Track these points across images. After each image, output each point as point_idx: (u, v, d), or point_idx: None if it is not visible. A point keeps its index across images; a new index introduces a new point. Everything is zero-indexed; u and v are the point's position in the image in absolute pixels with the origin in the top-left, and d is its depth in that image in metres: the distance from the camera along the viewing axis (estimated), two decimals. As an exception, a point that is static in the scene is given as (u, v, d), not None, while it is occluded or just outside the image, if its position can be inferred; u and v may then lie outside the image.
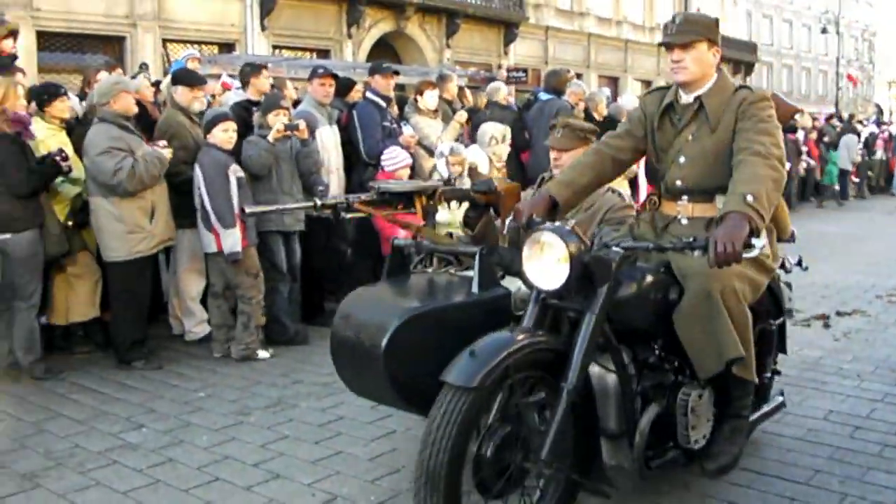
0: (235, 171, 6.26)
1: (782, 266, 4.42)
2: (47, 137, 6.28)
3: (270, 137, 6.56)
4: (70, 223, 6.21)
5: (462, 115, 8.68)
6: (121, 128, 6.05)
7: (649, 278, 3.53)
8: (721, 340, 3.43)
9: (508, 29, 27.07)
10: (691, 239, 3.19)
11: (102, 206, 6.07)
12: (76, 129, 6.64)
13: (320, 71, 7.71)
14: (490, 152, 8.04)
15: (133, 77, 8.77)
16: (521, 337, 3.15)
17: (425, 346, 3.38)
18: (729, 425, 3.77)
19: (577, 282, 3.21)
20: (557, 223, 3.30)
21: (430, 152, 8.07)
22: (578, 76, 20.72)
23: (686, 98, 3.75)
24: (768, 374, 4.33)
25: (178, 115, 6.79)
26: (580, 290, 3.26)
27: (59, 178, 6.10)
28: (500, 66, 24.27)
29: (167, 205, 6.31)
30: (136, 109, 6.37)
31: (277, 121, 6.64)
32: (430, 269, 4.17)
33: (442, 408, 2.95)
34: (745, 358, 3.51)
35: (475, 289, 3.68)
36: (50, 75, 14.27)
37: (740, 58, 39.66)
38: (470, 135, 8.87)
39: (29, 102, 6.47)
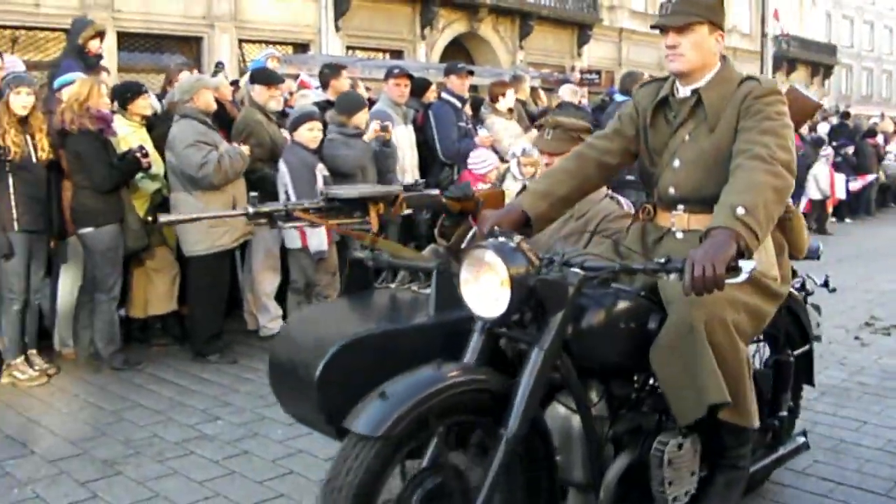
0: (322, 170, 6.33)
1: (802, 287, 3.92)
2: (128, 134, 6.43)
3: (367, 137, 6.64)
4: (150, 218, 6.33)
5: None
6: (202, 124, 6.18)
7: (623, 304, 2.97)
8: (703, 382, 2.84)
9: (582, 30, 26.89)
10: (663, 260, 2.61)
11: (186, 200, 6.20)
12: (156, 126, 6.78)
13: (396, 71, 7.76)
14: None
15: (212, 76, 8.92)
16: (454, 374, 2.62)
17: (368, 374, 2.76)
18: (723, 477, 3.20)
19: (534, 309, 2.74)
20: (501, 239, 2.77)
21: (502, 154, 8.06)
22: (652, 78, 20.44)
23: (683, 91, 3.20)
24: (784, 413, 3.79)
25: (255, 114, 6.89)
26: (537, 317, 2.76)
27: (139, 175, 6.23)
28: (573, 68, 24.14)
29: (246, 199, 6.39)
30: (215, 107, 6.50)
31: (362, 120, 6.72)
32: (392, 285, 3.59)
33: (344, 460, 2.47)
34: (740, 401, 2.94)
35: (431, 310, 3.08)
36: (129, 75, 14.57)
37: (819, 60, 38.90)
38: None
39: (112, 101, 6.61)
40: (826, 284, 4.12)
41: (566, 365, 2.81)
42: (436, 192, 4.14)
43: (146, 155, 6.03)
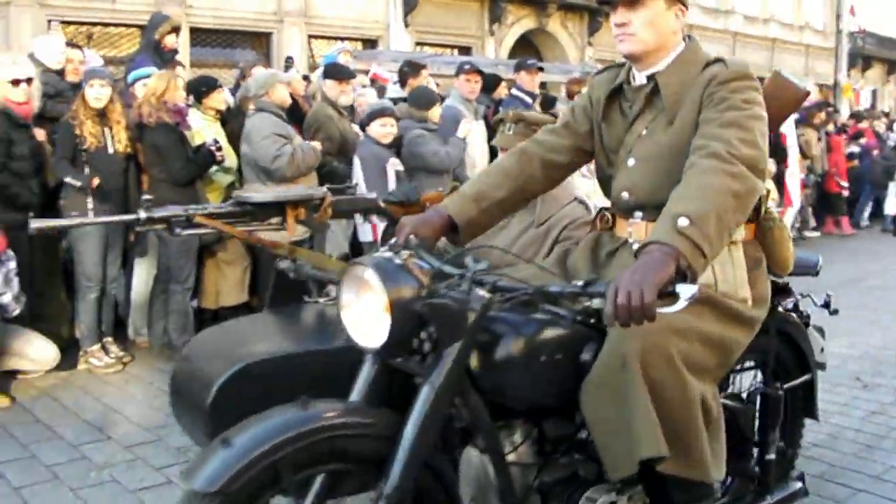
0: (394, 165, 6.37)
1: (795, 309, 3.35)
2: (203, 128, 6.53)
3: (462, 133, 6.68)
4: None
5: None
6: (277, 117, 6.27)
7: (550, 331, 2.44)
8: (635, 430, 2.30)
9: (593, 19, 26.57)
10: (581, 283, 2.12)
11: (259, 192, 6.24)
12: (229, 121, 6.88)
13: (466, 67, 7.77)
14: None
15: (283, 71, 9.02)
16: (329, 414, 2.19)
17: (267, 402, 2.34)
18: None
19: (433, 337, 2.28)
20: (386, 254, 2.33)
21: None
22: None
23: (639, 78, 2.71)
24: (771, 456, 3.20)
25: (326, 108, 6.95)
26: (438, 347, 2.29)
27: (213, 168, 6.33)
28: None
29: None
30: (289, 101, 6.59)
31: (436, 115, 6.77)
32: (322, 300, 3.21)
33: None
34: (690, 451, 2.40)
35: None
36: (200, 70, 14.79)
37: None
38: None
39: (187, 95, 6.72)
40: (827, 305, 3.57)
41: (474, 404, 2.35)
42: (372, 195, 3.87)
43: (220, 148, 6.13)
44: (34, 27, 12.71)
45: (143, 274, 6.45)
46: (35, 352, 5.59)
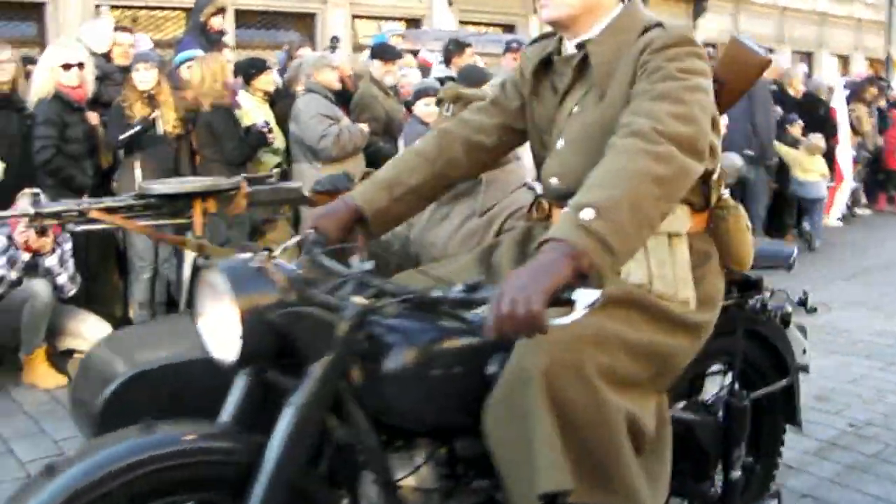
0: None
1: (762, 309, 2.86)
2: (251, 109, 6.58)
3: None
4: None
5: None
6: (326, 98, 6.32)
7: (449, 342, 2.08)
8: (535, 459, 1.93)
9: (697, 2, 26.30)
10: (461, 287, 1.81)
11: (307, 171, 6.31)
12: (276, 102, 6.94)
13: (514, 45, 7.75)
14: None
15: (330, 51, 9.06)
16: (177, 438, 1.90)
17: (164, 411, 2.13)
18: None
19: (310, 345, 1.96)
20: (244, 255, 2.04)
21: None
22: (770, 51, 19.92)
23: (569, 48, 2.34)
24: (736, 473, 2.78)
25: (372, 89, 7.00)
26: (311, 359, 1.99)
27: (263, 148, 6.39)
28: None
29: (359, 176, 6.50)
30: (338, 85, 6.64)
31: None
32: None
33: None
34: (610, 480, 2.03)
35: None
36: (246, 51, 14.88)
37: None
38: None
39: (235, 76, 6.78)
40: (804, 304, 3.09)
41: (355, 423, 2.04)
42: (297, 184, 3.51)
43: (270, 130, 6.21)
44: (83, 11, 12.86)
45: (192, 254, 6.52)
46: (90, 331, 5.68)
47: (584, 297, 1.66)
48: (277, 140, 6.52)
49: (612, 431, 2.03)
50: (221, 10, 7.91)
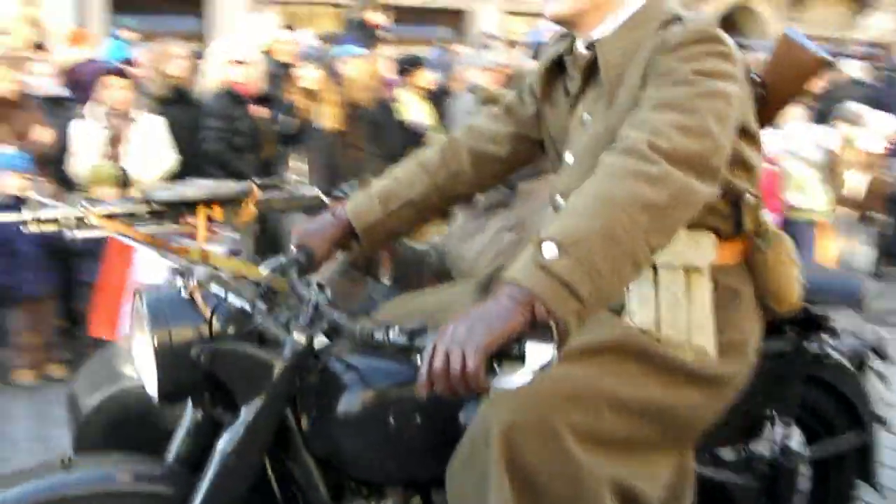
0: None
1: (821, 359, 2.44)
2: (410, 104, 6.66)
3: None
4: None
5: None
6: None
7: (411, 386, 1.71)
8: None
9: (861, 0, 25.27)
10: (404, 331, 1.55)
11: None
12: (439, 99, 7.01)
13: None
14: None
15: (484, 47, 9.08)
16: (125, 477, 1.76)
17: (142, 434, 2.11)
18: None
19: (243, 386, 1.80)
20: (178, 281, 1.84)
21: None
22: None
23: (580, 47, 2.00)
24: None
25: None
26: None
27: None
28: (851, 41, 22.74)
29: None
30: (496, 85, 6.64)
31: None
32: None
33: None
34: None
35: None
36: (400, 47, 15.07)
37: None
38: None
39: (394, 73, 6.88)
40: (876, 351, 2.62)
41: (303, 470, 1.87)
42: (314, 190, 3.24)
43: (427, 129, 6.27)
44: (243, 5, 13.25)
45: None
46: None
47: (538, 355, 1.37)
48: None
49: (587, 501, 1.71)
50: (380, 7, 8.01)
